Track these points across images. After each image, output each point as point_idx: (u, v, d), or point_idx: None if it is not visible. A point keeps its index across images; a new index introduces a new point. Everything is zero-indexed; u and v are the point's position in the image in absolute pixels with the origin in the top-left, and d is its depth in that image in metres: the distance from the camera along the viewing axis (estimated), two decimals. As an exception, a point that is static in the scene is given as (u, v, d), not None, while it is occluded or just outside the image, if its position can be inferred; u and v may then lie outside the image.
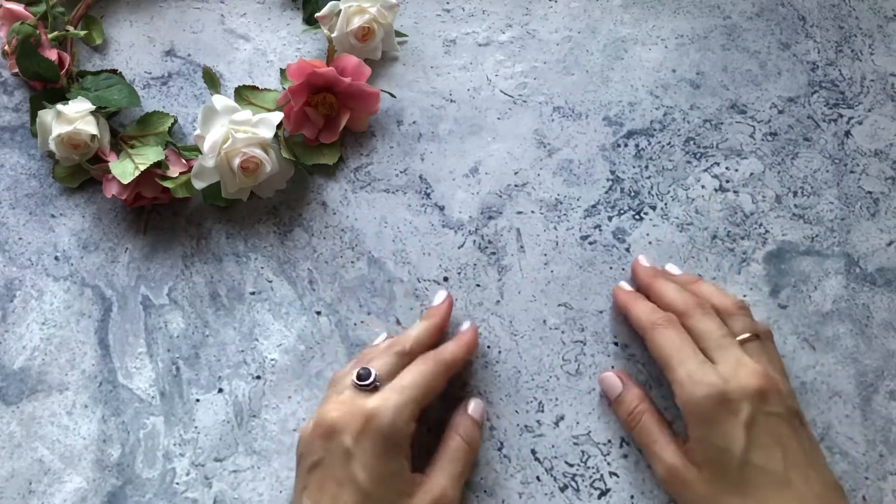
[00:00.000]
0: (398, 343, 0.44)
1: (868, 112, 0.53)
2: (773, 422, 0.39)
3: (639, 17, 0.55)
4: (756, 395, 0.39)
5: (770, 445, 0.38)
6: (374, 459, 0.38)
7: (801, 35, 0.55)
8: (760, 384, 0.39)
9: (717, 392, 0.39)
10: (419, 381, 0.41)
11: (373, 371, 0.41)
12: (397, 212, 0.51)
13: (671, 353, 0.41)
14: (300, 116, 0.50)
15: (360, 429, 0.39)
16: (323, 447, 0.39)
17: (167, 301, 0.49)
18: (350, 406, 0.40)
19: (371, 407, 0.39)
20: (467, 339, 0.46)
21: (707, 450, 0.39)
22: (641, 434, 0.43)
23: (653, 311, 0.43)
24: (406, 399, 0.40)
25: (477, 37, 0.55)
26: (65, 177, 0.51)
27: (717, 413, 0.39)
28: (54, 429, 0.47)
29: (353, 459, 0.38)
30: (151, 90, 0.54)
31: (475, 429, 0.44)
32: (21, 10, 0.52)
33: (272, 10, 0.56)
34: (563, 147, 0.52)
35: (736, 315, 0.43)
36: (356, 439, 0.39)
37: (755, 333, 0.42)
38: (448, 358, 0.43)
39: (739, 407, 0.39)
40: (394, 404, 0.39)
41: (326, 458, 0.39)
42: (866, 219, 0.50)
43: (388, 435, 0.39)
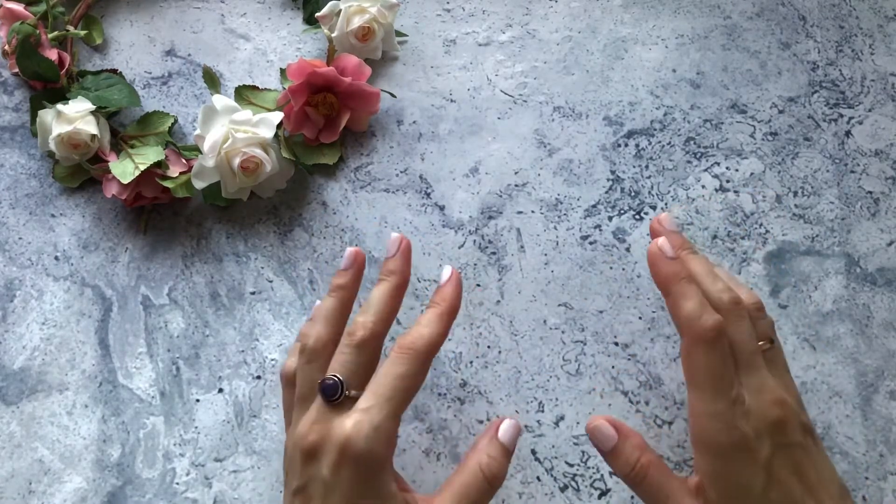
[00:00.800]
0: (357, 329, 0.39)
1: (868, 112, 0.53)
2: (789, 452, 0.37)
3: (639, 16, 0.55)
4: (774, 427, 0.37)
5: (788, 478, 0.37)
6: (352, 490, 0.35)
7: (802, 35, 0.55)
8: (780, 415, 0.37)
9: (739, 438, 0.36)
10: (399, 387, 0.37)
11: (338, 379, 0.37)
12: (397, 212, 0.51)
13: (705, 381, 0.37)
14: (300, 116, 0.50)
15: (336, 458, 0.36)
16: (303, 473, 0.37)
17: (167, 301, 0.49)
18: (324, 428, 0.37)
19: (346, 433, 0.36)
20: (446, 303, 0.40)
21: (726, 488, 0.37)
22: (649, 491, 0.38)
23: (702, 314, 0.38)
24: (383, 417, 0.36)
25: (477, 37, 0.55)
26: (65, 177, 0.51)
27: (736, 454, 0.37)
28: (54, 429, 0.47)
29: (332, 491, 0.36)
30: (151, 90, 0.54)
31: (503, 460, 0.38)
32: (21, 9, 0.52)
33: (272, 10, 0.56)
34: (563, 147, 0.52)
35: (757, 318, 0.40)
36: (333, 469, 0.36)
37: (769, 338, 0.40)
38: (426, 343, 0.38)
39: (759, 446, 0.36)
40: (369, 427, 0.36)
41: (308, 484, 0.37)
42: (867, 219, 0.50)
43: (366, 462, 0.36)
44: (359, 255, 0.42)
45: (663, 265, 0.40)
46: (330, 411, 0.37)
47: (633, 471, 0.38)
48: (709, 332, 0.37)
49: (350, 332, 0.39)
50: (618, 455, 0.39)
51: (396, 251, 0.42)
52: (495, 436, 0.39)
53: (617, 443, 0.39)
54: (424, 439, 0.46)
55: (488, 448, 0.39)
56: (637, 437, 0.39)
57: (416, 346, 0.38)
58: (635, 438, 0.39)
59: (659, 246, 0.40)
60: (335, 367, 0.38)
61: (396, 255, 0.42)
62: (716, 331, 0.37)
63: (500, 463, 0.38)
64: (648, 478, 0.38)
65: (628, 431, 0.39)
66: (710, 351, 0.37)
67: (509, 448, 0.39)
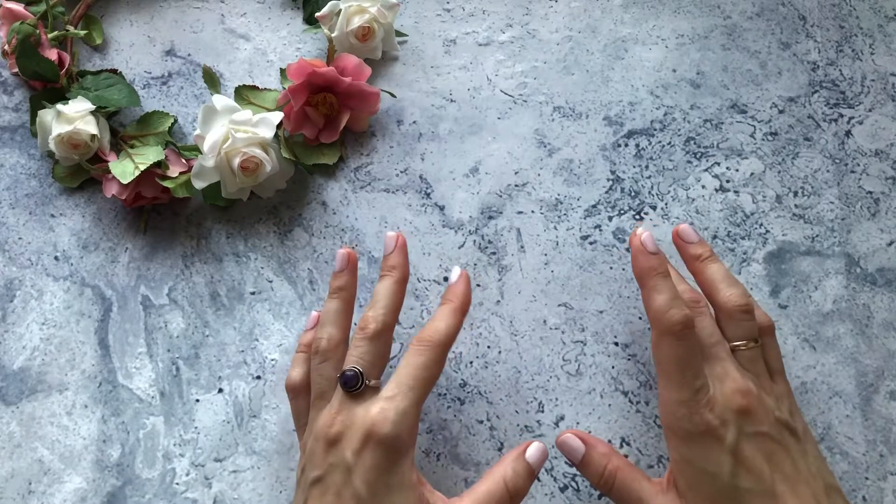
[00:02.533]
0: (369, 323, 0.40)
1: (868, 112, 0.53)
2: (759, 441, 0.38)
3: (639, 16, 0.55)
4: (740, 414, 0.38)
5: (757, 465, 0.37)
6: (375, 474, 0.37)
7: (802, 35, 0.55)
8: (743, 403, 0.38)
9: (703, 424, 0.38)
10: (418, 375, 0.38)
11: (357, 371, 0.39)
12: (397, 212, 0.51)
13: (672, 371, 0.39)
14: (300, 116, 0.50)
15: (360, 442, 0.37)
16: (325, 461, 0.38)
17: (167, 301, 0.49)
18: (349, 416, 0.38)
19: (371, 418, 0.37)
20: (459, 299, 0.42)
21: (693, 474, 0.38)
22: (621, 494, 0.40)
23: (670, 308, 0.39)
24: (407, 404, 0.38)
25: (477, 36, 0.55)
26: (65, 177, 0.51)
27: (701, 439, 0.38)
28: (54, 429, 0.47)
29: (353, 474, 0.37)
30: (151, 90, 0.54)
31: (527, 479, 0.40)
32: (21, 9, 0.52)
33: (272, 10, 0.56)
34: (563, 147, 0.52)
35: (736, 319, 0.41)
36: (357, 453, 0.37)
37: (753, 339, 0.41)
38: (443, 336, 0.40)
39: (724, 433, 0.38)
40: (395, 413, 0.37)
41: (328, 472, 0.37)
42: (867, 219, 0.50)
43: (391, 447, 0.37)
44: (351, 256, 0.44)
45: (642, 259, 0.41)
46: (351, 401, 0.38)
47: (603, 478, 0.40)
48: (675, 324, 0.39)
49: (362, 327, 0.40)
50: (587, 464, 0.41)
51: (394, 247, 0.43)
52: (523, 454, 0.40)
53: (584, 453, 0.41)
54: (424, 439, 0.46)
55: (514, 464, 0.40)
56: (603, 445, 0.41)
57: (434, 338, 0.40)
58: (602, 447, 0.41)
59: (642, 240, 0.41)
60: (352, 360, 0.39)
61: (395, 251, 0.43)
62: (682, 324, 0.39)
63: (524, 479, 0.40)
64: (618, 482, 0.40)
65: (595, 441, 0.41)
66: (676, 342, 0.39)
67: (534, 469, 0.40)
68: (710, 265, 0.43)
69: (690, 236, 0.44)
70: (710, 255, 0.43)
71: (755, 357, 0.41)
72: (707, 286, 0.42)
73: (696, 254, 0.43)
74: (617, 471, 0.40)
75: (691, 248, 0.44)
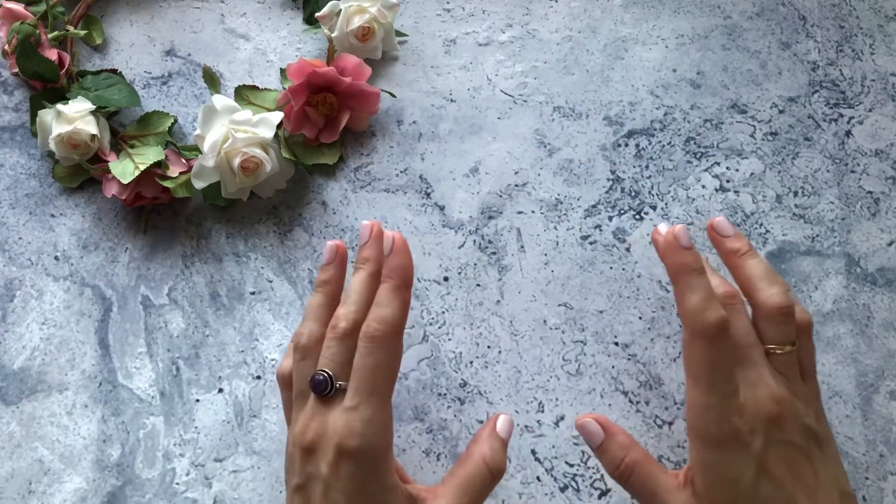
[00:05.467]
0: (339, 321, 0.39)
1: (869, 112, 0.53)
2: (785, 449, 0.37)
3: (639, 16, 0.55)
4: (770, 423, 0.36)
5: (779, 474, 0.36)
6: (352, 485, 0.36)
7: (802, 35, 0.55)
8: (774, 411, 0.36)
9: (730, 430, 0.36)
10: (377, 377, 0.37)
11: (327, 374, 0.37)
12: (397, 211, 0.51)
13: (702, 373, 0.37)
14: (300, 116, 0.50)
15: (333, 456, 0.36)
16: (302, 471, 0.37)
17: (167, 301, 0.49)
18: (320, 426, 0.37)
19: (338, 432, 0.36)
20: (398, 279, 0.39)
21: (714, 478, 0.37)
22: (636, 487, 0.39)
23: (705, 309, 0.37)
24: (373, 410, 0.36)
25: (477, 36, 0.55)
26: (65, 177, 0.51)
27: (726, 445, 0.37)
28: (54, 429, 0.47)
29: (331, 488, 0.36)
30: (151, 90, 0.54)
31: (502, 452, 0.39)
32: (21, 9, 0.52)
33: (272, 10, 0.56)
34: (563, 147, 0.52)
35: (776, 322, 0.39)
36: (332, 467, 0.36)
37: (790, 342, 0.39)
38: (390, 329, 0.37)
39: (752, 440, 0.36)
40: (360, 423, 0.36)
41: (308, 483, 0.37)
42: (867, 219, 0.50)
43: (363, 457, 0.36)
44: (340, 248, 0.42)
45: (676, 255, 0.39)
46: (323, 406, 0.37)
47: (619, 469, 0.39)
48: (710, 327, 0.37)
49: (332, 326, 0.39)
50: (604, 452, 0.40)
51: (369, 237, 0.41)
52: (494, 430, 0.40)
53: (604, 441, 0.40)
54: (424, 439, 0.46)
55: (490, 441, 0.39)
56: (624, 435, 0.40)
57: (381, 331, 0.37)
58: (621, 437, 0.40)
59: (675, 234, 0.39)
60: (323, 363, 0.38)
61: (369, 241, 0.41)
62: (717, 326, 0.37)
63: (502, 455, 0.39)
64: (634, 475, 0.39)
65: (615, 430, 0.40)
66: (709, 345, 0.37)
67: (506, 441, 0.40)
68: (748, 261, 0.40)
69: (726, 229, 0.41)
70: (749, 250, 0.41)
71: (791, 362, 0.39)
72: (746, 284, 0.40)
73: (733, 248, 0.41)
74: (635, 464, 0.39)
75: (728, 243, 0.41)
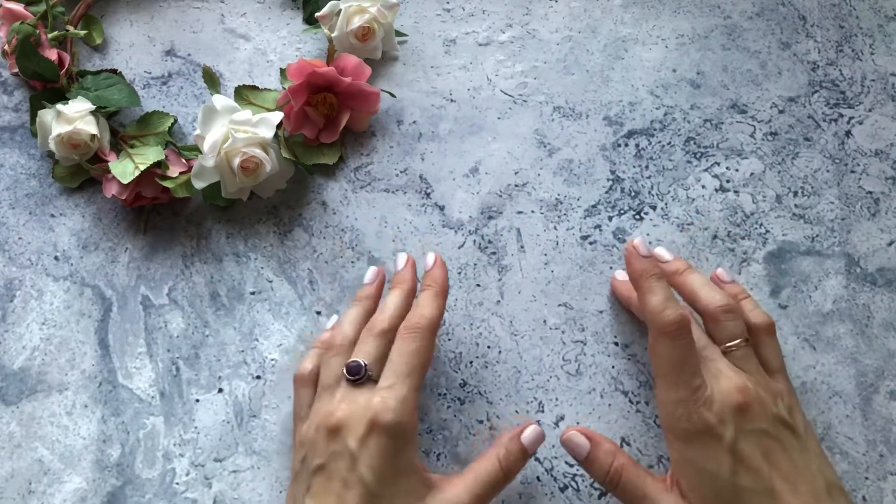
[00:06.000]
0: (377, 323, 0.42)
1: (868, 112, 0.53)
2: (757, 438, 0.38)
3: (639, 16, 0.55)
4: (737, 412, 0.38)
5: (755, 463, 0.38)
6: (380, 460, 0.38)
7: (802, 35, 0.55)
8: (740, 399, 0.38)
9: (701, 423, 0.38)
10: (412, 362, 0.40)
11: (362, 362, 0.40)
12: (397, 211, 0.51)
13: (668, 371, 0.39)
14: (300, 116, 0.50)
15: (364, 430, 0.38)
16: (328, 449, 0.39)
17: (167, 301, 0.49)
18: (351, 405, 0.39)
19: (374, 406, 0.38)
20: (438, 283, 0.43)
21: (694, 474, 0.39)
22: (626, 493, 0.40)
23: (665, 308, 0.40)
24: (406, 391, 0.39)
25: (477, 36, 0.55)
26: (65, 177, 0.51)
27: (700, 438, 0.38)
28: (54, 429, 0.47)
29: (358, 461, 0.38)
30: (151, 90, 0.54)
31: (520, 459, 0.41)
32: (21, 9, 0.52)
33: (272, 10, 0.56)
34: (563, 147, 0.52)
35: (721, 321, 0.41)
36: (361, 441, 0.38)
37: (742, 338, 0.41)
38: (429, 320, 0.41)
39: (723, 431, 0.38)
40: (395, 400, 0.39)
41: (331, 460, 0.38)
42: (867, 219, 0.50)
43: (395, 433, 0.38)
44: (381, 272, 0.47)
45: (635, 262, 0.42)
46: (354, 390, 0.40)
47: (608, 475, 0.41)
48: (671, 324, 0.39)
49: (369, 327, 0.42)
50: (592, 462, 0.41)
51: (405, 265, 0.45)
52: (518, 435, 0.42)
53: (590, 451, 0.41)
54: (424, 439, 0.46)
55: (509, 444, 0.42)
56: (609, 443, 0.42)
57: (422, 324, 0.41)
58: (607, 444, 0.41)
59: (634, 245, 0.42)
60: (358, 354, 0.41)
61: (406, 267, 0.45)
62: (677, 324, 0.39)
63: (518, 459, 0.41)
64: (623, 480, 0.40)
65: (599, 439, 0.42)
66: (671, 342, 0.39)
67: (529, 451, 0.42)
68: (688, 276, 0.44)
69: (664, 256, 0.45)
70: (688, 268, 0.44)
71: (747, 355, 0.41)
72: (688, 295, 0.43)
73: (673, 269, 0.45)
74: (622, 469, 0.40)
75: (668, 267, 0.45)
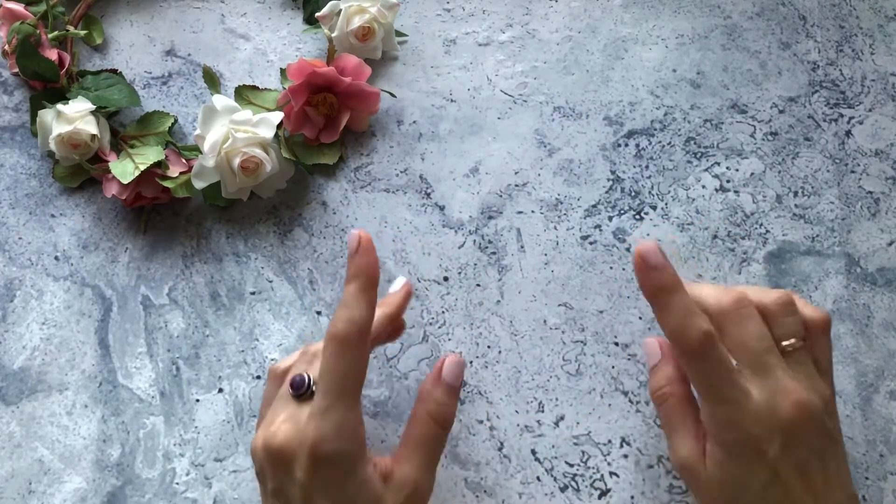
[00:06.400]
0: None
1: (869, 112, 0.53)
2: (800, 455, 0.36)
3: (639, 16, 0.55)
4: (788, 429, 0.36)
5: (791, 480, 0.36)
6: (332, 487, 0.36)
7: (802, 35, 0.55)
8: (794, 417, 0.36)
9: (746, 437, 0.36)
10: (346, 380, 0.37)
11: (306, 377, 0.38)
12: (397, 211, 0.51)
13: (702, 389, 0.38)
14: (300, 116, 0.50)
15: (308, 462, 0.36)
16: (277, 476, 0.37)
17: (167, 301, 0.49)
18: (292, 427, 0.37)
19: (310, 438, 0.36)
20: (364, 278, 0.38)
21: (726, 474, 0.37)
22: (663, 418, 0.40)
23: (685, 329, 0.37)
24: (342, 412, 0.36)
25: (477, 36, 0.55)
26: (65, 177, 0.51)
27: (742, 452, 0.37)
28: (54, 429, 0.47)
29: (312, 494, 0.36)
30: (151, 90, 0.54)
31: (450, 402, 0.39)
32: (21, 9, 0.52)
33: (272, 10, 0.56)
34: (563, 147, 0.52)
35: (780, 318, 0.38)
36: (308, 472, 0.36)
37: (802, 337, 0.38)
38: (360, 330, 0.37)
39: (769, 448, 0.36)
40: (331, 428, 0.36)
41: (285, 486, 0.37)
42: (867, 219, 0.50)
43: (339, 461, 0.36)
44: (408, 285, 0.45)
45: (647, 276, 0.38)
46: (298, 407, 0.38)
47: (657, 394, 0.41)
48: (693, 344, 0.37)
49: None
50: (653, 374, 0.42)
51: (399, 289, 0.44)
52: (439, 378, 0.40)
53: (657, 363, 0.42)
54: (424, 439, 0.46)
55: (434, 393, 0.39)
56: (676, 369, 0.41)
57: (349, 335, 0.37)
58: (672, 369, 0.41)
59: (642, 255, 0.38)
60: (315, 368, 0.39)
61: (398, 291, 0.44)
62: (699, 342, 0.37)
63: (449, 406, 0.39)
64: (666, 406, 0.40)
65: (672, 358, 0.41)
66: (700, 361, 0.37)
67: (455, 386, 0.40)
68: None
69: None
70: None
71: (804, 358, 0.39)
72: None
73: None
74: (671, 396, 0.40)
75: None
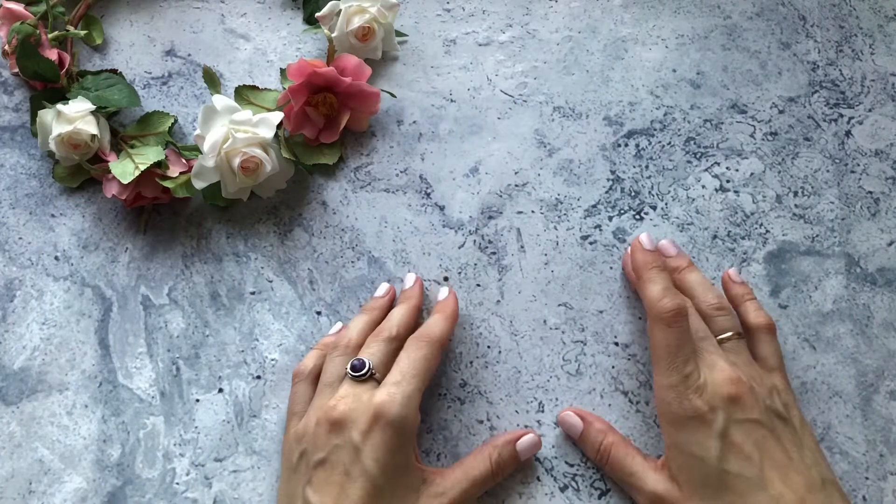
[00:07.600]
0: (384, 330, 0.44)
1: (868, 112, 0.53)
2: (748, 427, 0.39)
3: (639, 16, 0.55)
4: (729, 402, 0.39)
5: (745, 451, 0.39)
6: (384, 453, 0.39)
7: (802, 35, 0.55)
8: (732, 391, 0.40)
9: (691, 409, 0.40)
10: (420, 367, 0.41)
11: (367, 361, 0.42)
12: (397, 211, 0.51)
13: (662, 356, 0.41)
14: (300, 116, 0.50)
15: (368, 424, 0.39)
16: (329, 442, 0.40)
17: (167, 301, 0.49)
18: (354, 400, 0.40)
19: (378, 401, 0.40)
20: (450, 309, 0.46)
21: (683, 458, 0.40)
22: (615, 469, 0.43)
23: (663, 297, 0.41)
24: (412, 389, 0.40)
25: (477, 36, 0.55)
26: (65, 177, 0.51)
27: (689, 423, 0.40)
28: (54, 429, 0.47)
29: (362, 453, 0.39)
30: (151, 90, 0.54)
31: (511, 464, 0.44)
32: (21, 9, 0.52)
33: (272, 10, 0.56)
34: (563, 147, 0.52)
35: (713, 317, 0.44)
36: (365, 434, 0.39)
37: (736, 332, 0.43)
38: (439, 335, 0.43)
39: (713, 418, 0.39)
40: (401, 397, 0.40)
41: (333, 452, 0.39)
42: (867, 219, 0.50)
43: (399, 427, 0.39)
44: (392, 289, 0.48)
45: (639, 253, 0.44)
46: (356, 386, 0.41)
47: (599, 453, 0.44)
48: (668, 311, 0.41)
49: (376, 333, 0.44)
50: (584, 440, 0.45)
51: (413, 283, 0.48)
52: (514, 441, 0.44)
53: (583, 429, 0.44)
54: (424, 439, 0.46)
55: (503, 448, 0.43)
56: (600, 422, 0.45)
57: (432, 335, 0.43)
58: (598, 423, 0.45)
59: (640, 239, 0.45)
60: (363, 355, 0.43)
61: (414, 285, 0.48)
62: (674, 311, 0.41)
63: (509, 464, 0.43)
64: (612, 457, 0.43)
65: (592, 418, 0.45)
66: (667, 328, 0.41)
67: (521, 458, 0.44)
68: (687, 274, 0.46)
69: (669, 250, 0.47)
70: (689, 265, 0.46)
71: (738, 348, 0.43)
72: (686, 293, 0.45)
73: (674, 266, 0.46)
74: (612, 446, 0.43)
75: (671, 262, 0.47)
